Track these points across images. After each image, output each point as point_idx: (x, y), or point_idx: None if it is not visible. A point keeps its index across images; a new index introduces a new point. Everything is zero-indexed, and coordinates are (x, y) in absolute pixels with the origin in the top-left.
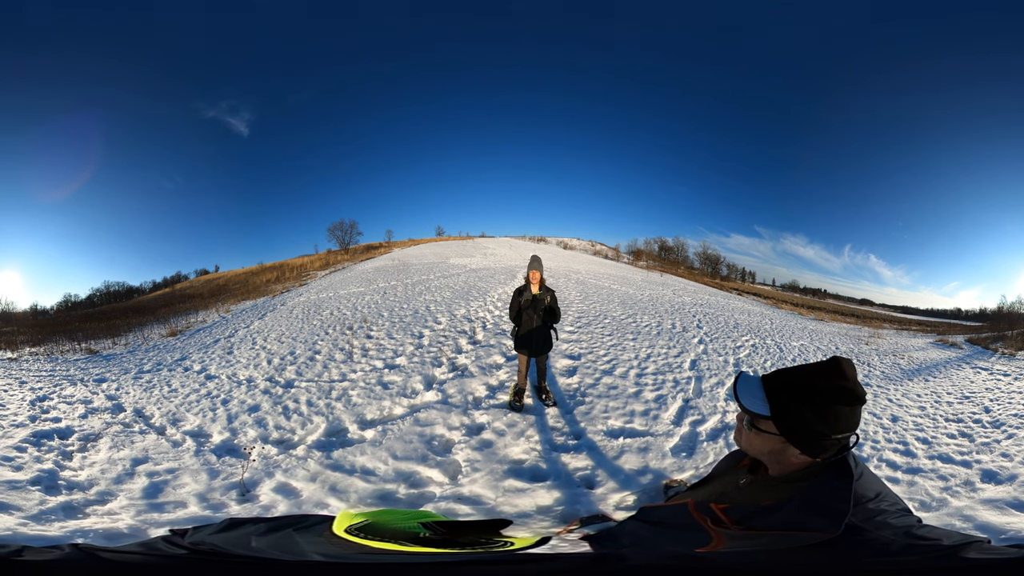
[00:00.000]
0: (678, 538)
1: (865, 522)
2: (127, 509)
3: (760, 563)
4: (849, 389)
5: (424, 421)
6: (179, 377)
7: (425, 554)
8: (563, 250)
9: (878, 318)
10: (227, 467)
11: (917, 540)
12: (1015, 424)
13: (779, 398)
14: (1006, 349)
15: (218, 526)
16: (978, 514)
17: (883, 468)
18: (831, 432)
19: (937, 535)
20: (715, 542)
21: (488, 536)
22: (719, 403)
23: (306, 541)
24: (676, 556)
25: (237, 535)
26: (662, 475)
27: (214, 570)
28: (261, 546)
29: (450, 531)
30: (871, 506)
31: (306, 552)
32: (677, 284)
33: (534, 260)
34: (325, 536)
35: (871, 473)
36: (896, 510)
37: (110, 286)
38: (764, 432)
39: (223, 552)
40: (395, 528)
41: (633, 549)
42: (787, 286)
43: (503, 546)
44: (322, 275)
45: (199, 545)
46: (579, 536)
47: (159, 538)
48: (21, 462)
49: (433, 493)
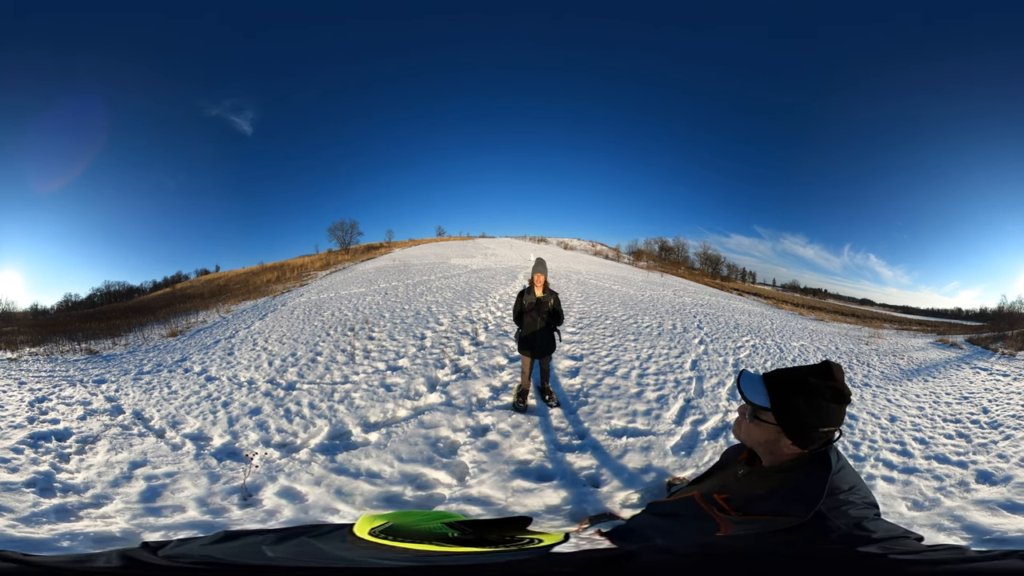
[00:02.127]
0: (693, 527)
1: (830, 511)
2: (122, 513)
3: (759, 545)
4: (837, 388)
5: (429, 423)
6: (179, 378)
7: (471, 554)
8: (564, 250)
9: (878, 318)
10: (228, 471)
11: (858, 531)
12: (1013, 425)
13: (778, 392)
14: (1006, 349)
15: (212, 538)
16: (968, 515)
17: (880, 468)
18: (819, 425)
19: (876, 528)
20: (723, 528)
21: (513, 534)
22: (720, 403)
23: (330, 546)
24: (701, 544)
25: (241, 546)
26: (665, 473)
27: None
28: (279, 555)
29: (477, 530)
30: (841, 497)
31: (338, 557)
32: (678, 284)
33: (539, 263)
34: (349, 540)
35: (850, 467)
36: (862, 503)
37: (110, 286)
38: (764, 423)
39: (221, 563)
40: (420, 529)
41: (663, 541)
42: (787, 286)
43: (532, 543)
44: (323, 275)
45: (179, 559)
46: (595, 533)
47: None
48: (17, 464)
49: (442, 495)
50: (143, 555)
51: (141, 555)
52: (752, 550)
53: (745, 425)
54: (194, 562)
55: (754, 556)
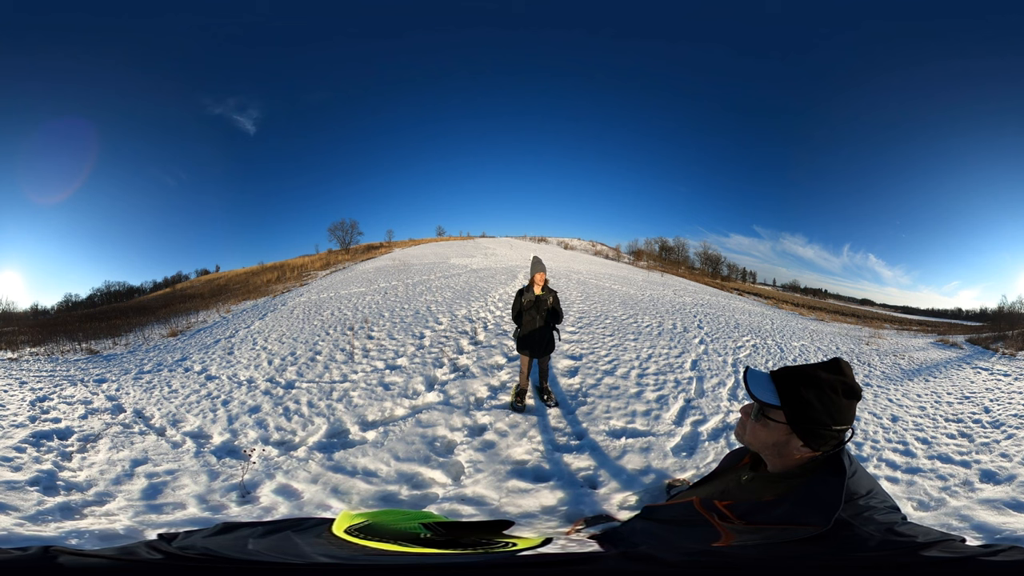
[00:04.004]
0: (689, 535)
1: (854, 517)
2: (125, 510)
3: (771, 556)
4: (848, 383)
5: (426, 422)
6: (179, 378)
7: (422, 555)
8: (564, 250)
9: (879, 318)
10: (227, 468)
11: (895, 536)
12: (1015, 424)
13: (788, 388)
14: (1006, 349)
15: (212, 530)
16: (975, 514)
17: (883, 468)
18: (832, 423)
19: (914, 532)
20: (725, 537)
21: (490, 537)
22: (721, 403)
23: (305, 543)
24: (699, 552)
25: (232, 538)
26: (664, 475)
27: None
28: (259, 548)
29: (451, 532)
30: (861, 502)
31: (305, 553)
32: (678, 284)
33: (537, 262)
34: (325, 537)
35: (864, 471)
36: (884, 507)
37: (111, 286)
38: (772, 422)
39: (215, 555)
40: (395, 529)
41: (649, 547)
42: (788, 286)
43: (504, 547)
44: (323, 275)
45: (187, 549)
46: (586, 536)
47: (142, 543)
48: (20, 462)
49: (436, 494)
50: (162, 546)
51: (161, 546)
52: (762, 561)
53: (751, 426)
54: (198, 553)
55: (766, 567)
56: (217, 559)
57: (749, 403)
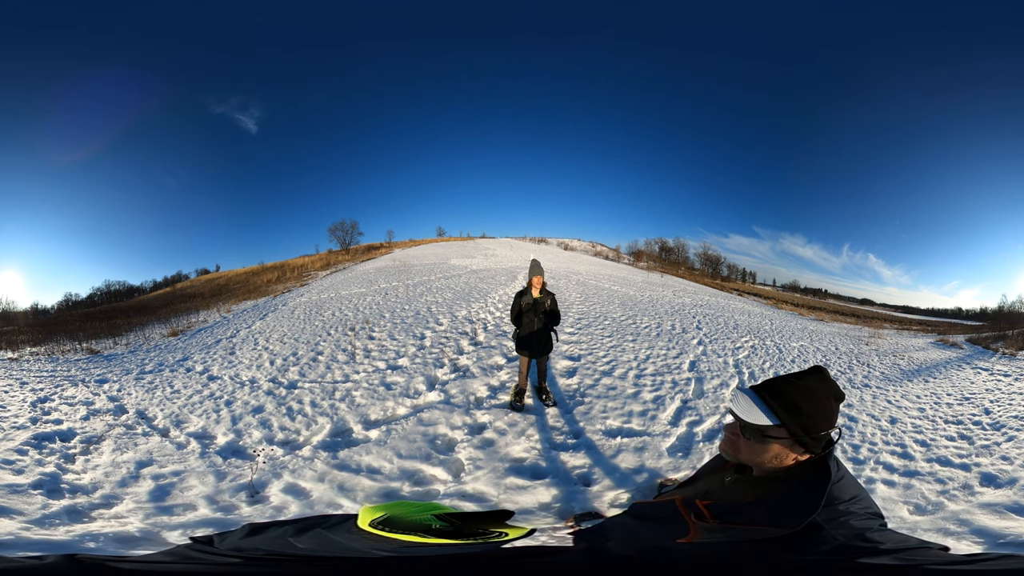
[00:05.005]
0: (661, 532)
1: (828, 521)
2: (135, 512)
3: (721, 553)
4: (837, 389)
5: (427, 421)
6: (181, 378)
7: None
8: (563, 251)
9: (878, 318)
10: (234, 469)
11: (859, 542)
12: (1015, 426)
13: (785, 405)
14: (1007, 349)
15: (242, 531)
16: (975, 518)
17: (880, 471)
18: (828, 427)
19: (884, 539)
20: (692, 534)
21: (490, 527)
22: (719, 404)
23: (340, 538)
24: (652, 548)
25: (271, 538)
26: (657, 474)
27: (274, 572)
28: (307, 546)
29: (459, 522)
30: (841, 507)
31: (354, 548)
32: (677, 285)
33: (535, 266)
34: (354, 532)
35: (851, 477)
36: (864, 513)
37: (111, 285)
38: (772, 439)
39: (283, 556)
40: (411, 520)
41: (617, 542)
42: (788, 286)
43: (498, 537)
44: (323, 275)
45: (240, 551)
46: (570, 531)
47: (183, 546)
48: (22, 465)
49: (438, 491)
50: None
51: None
52: (707, 558)
53: (746, 445)
54: (267, 554)
55: (709, 562)
56: (288, 559)
57: (733, 421)
